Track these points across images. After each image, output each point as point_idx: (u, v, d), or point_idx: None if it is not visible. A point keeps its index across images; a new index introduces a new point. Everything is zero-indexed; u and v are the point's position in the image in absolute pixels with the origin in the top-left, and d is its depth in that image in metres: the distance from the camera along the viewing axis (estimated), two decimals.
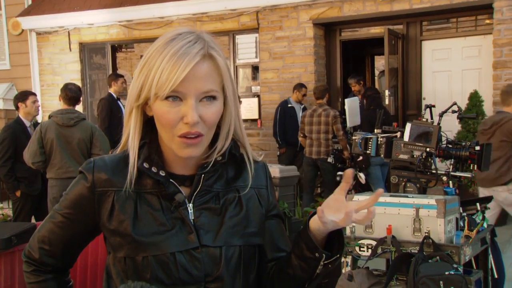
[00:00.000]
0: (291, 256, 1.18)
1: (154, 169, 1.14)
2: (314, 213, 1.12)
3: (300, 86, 7.53)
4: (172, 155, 1.17)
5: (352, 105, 6.96)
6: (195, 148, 1.11)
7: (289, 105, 7.51)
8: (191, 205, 1.16)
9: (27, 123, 5.26)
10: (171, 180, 1.15)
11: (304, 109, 7.49)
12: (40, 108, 5.54)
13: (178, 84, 1.07)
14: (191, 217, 1.15)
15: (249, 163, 1.23)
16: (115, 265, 1.16)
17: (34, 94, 5.47)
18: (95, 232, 1.22)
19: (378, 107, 6.73)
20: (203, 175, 1.17)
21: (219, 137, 1.17)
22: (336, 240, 1.15)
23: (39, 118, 5.60)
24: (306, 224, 1.14)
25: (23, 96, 5.30)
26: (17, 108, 5.27)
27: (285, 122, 7.43)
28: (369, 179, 6.56)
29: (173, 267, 1.12)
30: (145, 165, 1.13)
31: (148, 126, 1.18)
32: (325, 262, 1.13)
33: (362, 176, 6.31)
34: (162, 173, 1.14)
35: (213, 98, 1.11)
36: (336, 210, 1.08)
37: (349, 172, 1.10)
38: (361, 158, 6.04)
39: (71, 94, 4.73)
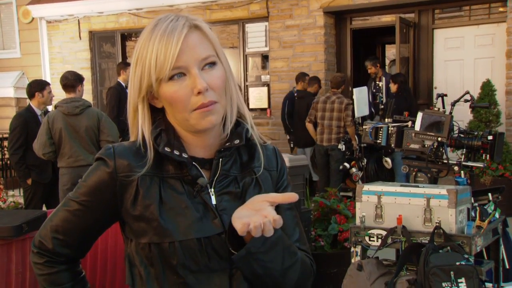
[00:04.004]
0: None
1: (176, 152, 1.13)
2: None
3: (303, 75, 7.54)
4: (190, 137, 1.16)
5: (360, 95, 6.91)
6: (212, 115, 1.11)
7: (295, 95, 7.50)
8: (212, 190, 1.15)
9: (38, 112, 5.27)
10: (193, 163, 1.15)
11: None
12: (53, 98, 5.55)
13: (177, 59, 1.08)
14: (213, 202, 1.14)
15: (258, 143, 1.22)
16: (138, 253, 1.14)
17: (50, 84, 5.50)
18: (113, 219, 1.20)
19: (408, 94, 6.87)
20: (221, 160, 1.16)
21: (226, 105, 1.17)
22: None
23: (49, 108, 5.60)
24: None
25: (41, 85, 5.29)
26: (32, 96, 5.25)
27: (293, 114, 7.41)
28: (393, 164, 6.52)
29: (199, 253, 1.10)
30: (167, 149, 1.13)
31: (159, 115, 1.18)
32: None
33: (388, 161, 6.28)
34: (184, 155, 1.13)
35: (213, 64, 1.12)
36: (252, 209, 1.05)
37: (293, 196, 1.06)
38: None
39: (63, 82, 4.79)
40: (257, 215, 1.02)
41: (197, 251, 1.10)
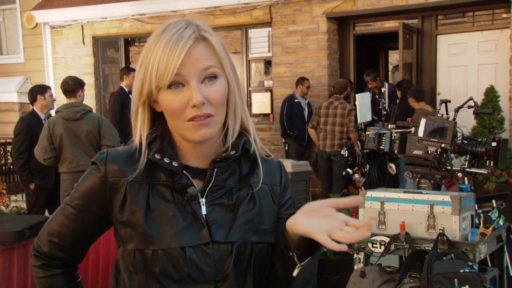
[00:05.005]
0: (275, 257, 1.13)
1: (166, 160, 1.12)
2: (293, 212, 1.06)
3: (302, 80, 7.67)
4: (186, 146, 1.15)
5: (363, 100, 6.89)
6: (207, 128, 1.10)
7: (295, 100, 7.58)
8: (203, 200, 1.14)
9: (42, 116, 5.29)
10: (184, 172, 1.14)
11: (309, 104, 7.64)
12: (55, 102, 5.58)
13: (177, 70, 1.07)
14: (203, 212, 1.13)
15: (259, 157, 1.20)
16: (124, 259, 1.14)
17: (51, 88, 5.52)
18: (106, 225, 1.19)
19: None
20: (216, 170, 1.15)
21: (228, 117, 1.16)
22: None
23: (52, 112, 5.62)
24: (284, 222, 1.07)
25: (42, 89, 5.32)
26: (34, 100, 5.27)
27: (292, 117, 7.46)
28: (397, 170, 6.50)
29: (182, 262, 1.09)
30: (157, 156, 1.12)
31: (159, 120, 1.17)
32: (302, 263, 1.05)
33: (392, 167, 6.24)
34: (175, 164, 1.12)
35: (215, 77, 1.10)
36: (320, 216, 1.00)
37: (359, 199, 1.03)
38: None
39: (64, 87, 4.81)
40: (332, 220, 0.97)
41: (180, 260, 1.09)
